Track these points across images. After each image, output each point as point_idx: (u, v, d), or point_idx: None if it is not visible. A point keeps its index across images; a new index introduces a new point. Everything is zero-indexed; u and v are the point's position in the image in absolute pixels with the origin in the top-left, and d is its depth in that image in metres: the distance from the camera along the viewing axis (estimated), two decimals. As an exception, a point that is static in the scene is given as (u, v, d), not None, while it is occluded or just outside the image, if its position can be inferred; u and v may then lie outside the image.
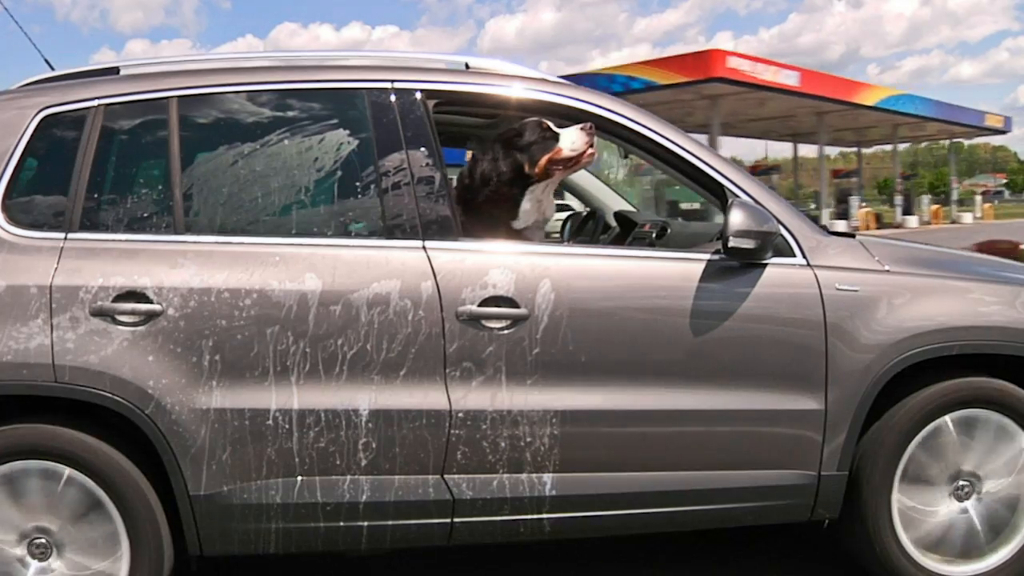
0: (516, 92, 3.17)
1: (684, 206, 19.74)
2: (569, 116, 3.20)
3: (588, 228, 4.34)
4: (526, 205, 3.21)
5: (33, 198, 2.93)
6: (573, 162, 3.26)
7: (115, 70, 3.17)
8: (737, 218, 2.91)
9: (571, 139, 3.21)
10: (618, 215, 4.26)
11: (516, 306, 2.88)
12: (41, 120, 2.96)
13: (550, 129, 3.23)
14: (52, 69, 3.37)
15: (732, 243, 2.91)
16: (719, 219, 3.08)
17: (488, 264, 2.90)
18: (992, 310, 3.15)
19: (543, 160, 3.22)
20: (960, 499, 3.14)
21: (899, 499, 3.10)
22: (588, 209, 4.50)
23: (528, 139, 3.23)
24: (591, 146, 3.21)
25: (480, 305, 2.86)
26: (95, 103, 2.98)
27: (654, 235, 3.64)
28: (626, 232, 4.05)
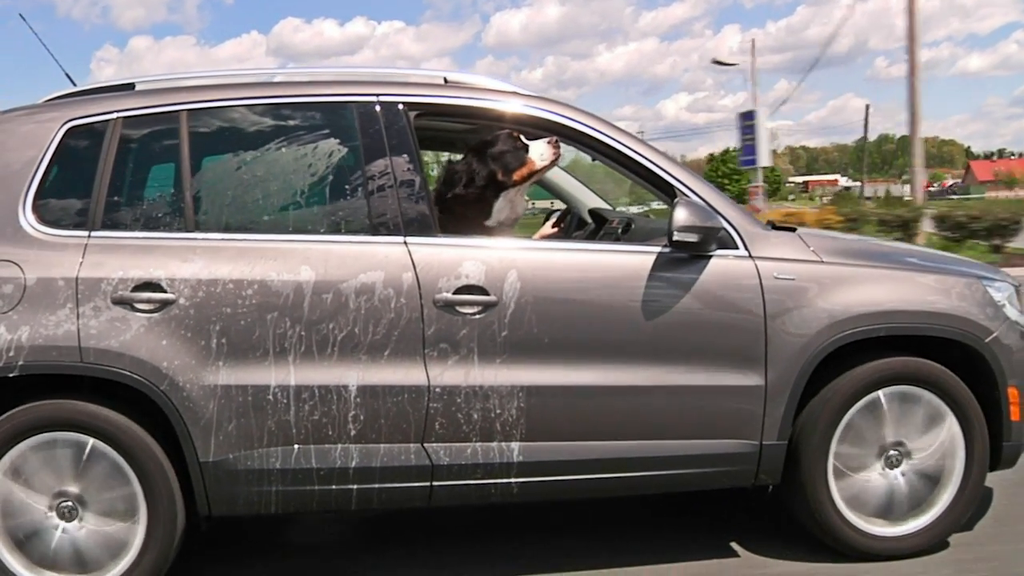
0: (489, 104, 3.52)
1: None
2: (537, 125, 3.56)
3: (565, 224, 4.68)
4: (499, 205, 3.56)
5: (59, 200, 3.30)
6: (541, 172, 3.67)
7: (131, 86, 3.54)
8: (681, 215, 3.26)
9: (539, 151, 3.63)
10: (592, 212, 4.61)
11: (486, 294, 3.24)
12: (66, 131, 3.33)
13: (520, 141, 3.61)
14: (74, 84, 3.73)
15: (676, 237, 3.26)
16: None
17: (462, 257, 3.27)
18: (919, 296, 3.49)
19: (522, 170, 3.62)
20: (890, 467, 3.49)
21: (834, 466, 3.44)
22: (564, 207, 4.85)
23: (501, 149, 3.63)
24: (556, 158, 3.64)
25: (455, 293, 3.23)
26: (114, 115, 3.35)
27: (620, 230, 3.98)
28: (600, 227, 4.39)
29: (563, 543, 3.85)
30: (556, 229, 4.60)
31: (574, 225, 4.61)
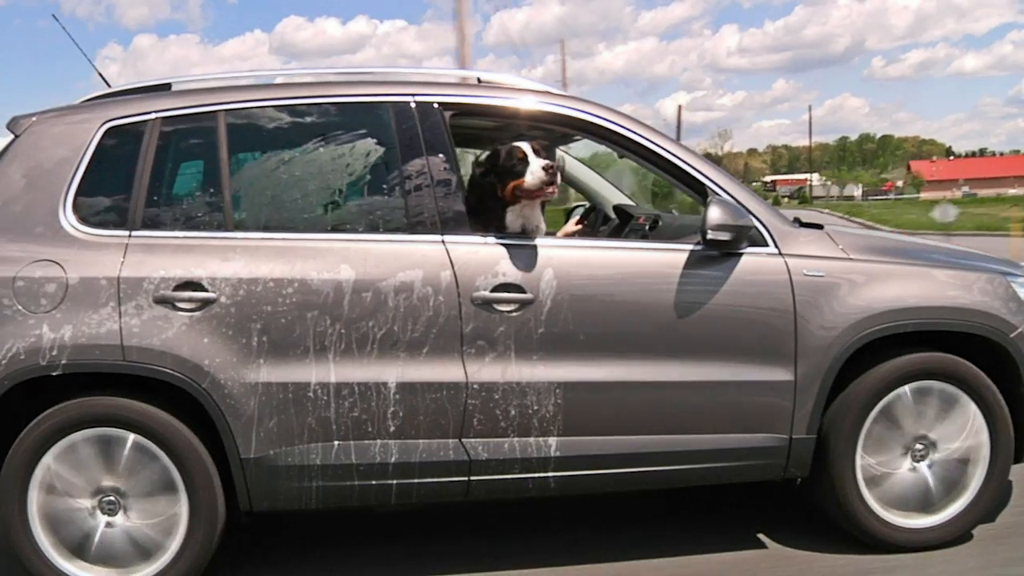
0: (522, 103, 3.57)
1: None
2: (569, 125, 3.61)
3: (590, 220, 4.73)
4: (509, 217, 3.45)
5: (99, 200, 3.34)
6: (536, 194, 3.40)
7: (167, 86, 3.58)
8: (714, 214, 3.31)
9: (532, 171, 3.36)
10: (617, 208, 4.65)
11: (523, 292, 3.29)
12: (105, 132, 3.37)
13: (524, 158, 3.41)
14: (108, 86, 3.76)
15: (710, 236, 3.32)
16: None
17: (499, 255, 3.31)
18: (944, 292, 3.54)
19: (510, 186, 3.41)
20: (916, 460, 3.55)
21: (862, 458, 3.50)
22: (589, 204, 4.90)
23: (503, 163, 3.44)
24: (550, 184, 3.37)
25: (492, 291, 3.28)
26: (152, 116, 3.39)
27: (647, 227, 4.03)
28: (624, 224, 4.44)
29: (585, 536, 3.92)
30: (580, 226, 4.65)
31: (599, 222, 4.65)
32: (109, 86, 3.75)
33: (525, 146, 3.42)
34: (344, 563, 3.74)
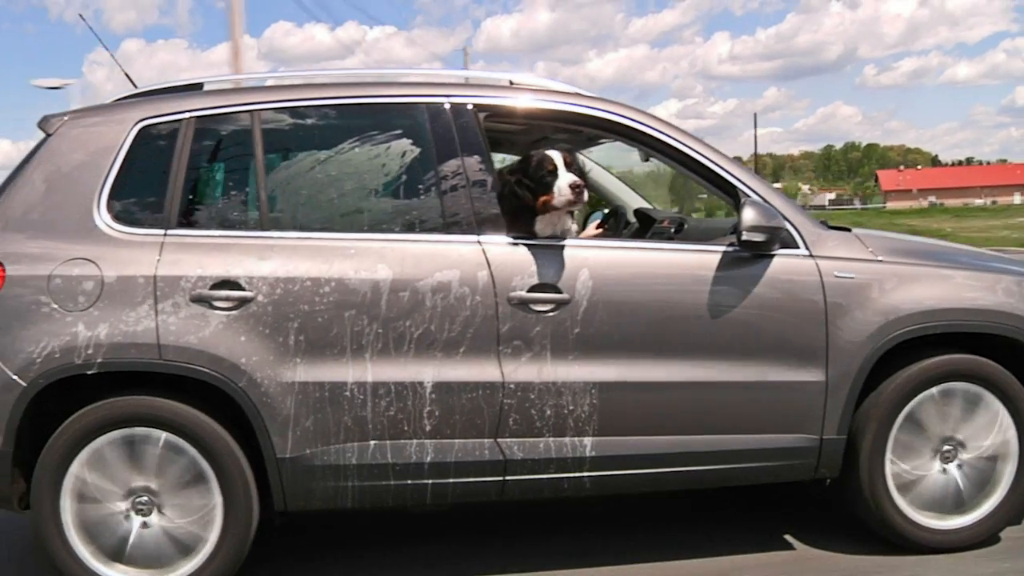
0: (553, 105, 3.59)
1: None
2: (599, 127, 3.63)
3: (610, 225, 4.75)
4: (539, 226, 3.44)
5: (134, 199, 3.34)
6: (558, 208, 3.38)
7: (199, 86, 3.59)
8: (749, 215, 3.34)
9: (560, 188, 3.35)
10: (637, 212, 4.67)
11: (559, 292, 3.30)
12: (139, 131, 3.37)
13: (554, 170, 3.40)
14: (135, 87, 3.76)
15: (745, 236, 3.34)
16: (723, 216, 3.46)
17: (535, 255, 3.32)
18: (972, 295, 3.58)
19: (540, 200, 3.39)
20: (945, 461, 3.57)
21: (891, 460, 3.52)
22: (609, 208, 4.92)
23: (532, 173, 3.43)
24: (575, 201, 3.38)
25: (529, 291, 3.29)
26: (187, 115, 3.39)
27: (672, 230, 4.05)
28: (645, 228, 4.46)
29: (610, 537, 3.92)
30: (600, 231, 4.66)
31: (621, 226, 4.67)
32: (135, 86, 3.75)
33: (556, 157, 3.42)
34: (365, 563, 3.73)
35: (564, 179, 3.38)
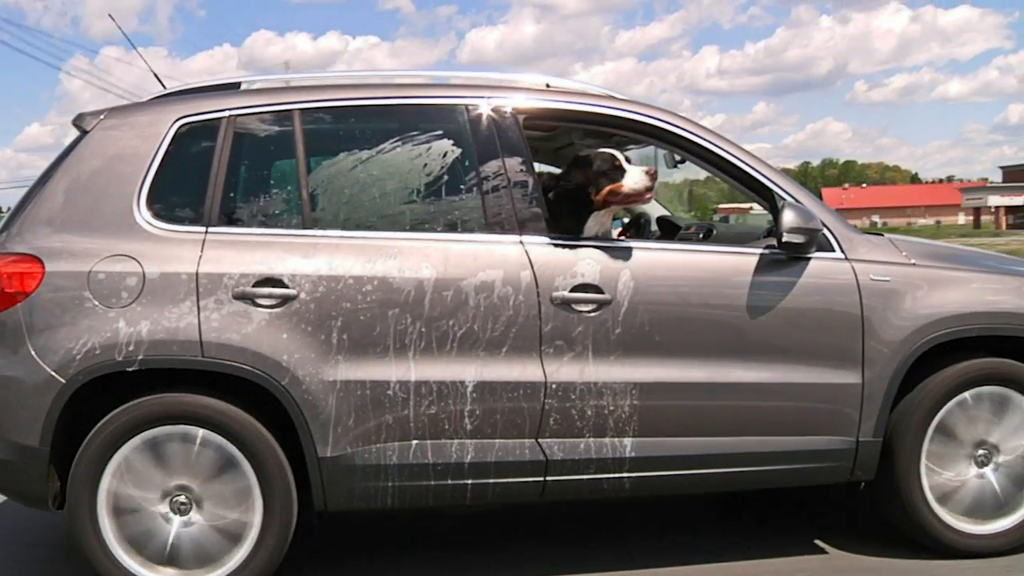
0: (592, 107, 3.60)
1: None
2: (635, 129, 3.64)
3: (632, 232, 4.76)
4: (590, 223, 3.51)
5: (173, 196, 3.33)
6: (631, 199, 3.56)
7: (236, 85, 3.59)
8: (789, 217, 3.36)
9: (634, 178, 3.49)
10: (660, 220, 4.70)
11: (601, 292, 3.31)
12: (178, 128, 3.36)
13: (620, 165, 3.51)
14: (164, 87, 3.75)
15: (786, 238, 3.36)
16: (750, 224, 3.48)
17: (577, 256, 3.34)
18: (1005, 298, 3.62)
19: (604, 190, 3.49)
20: (980, 465, 3.59)
21: (926, 463, 3.53)
22: (633, 215, 4.94)
23: (598, 168, 3.52)
24: (650, 189, 3.53)
25: (571, 291, 3.29)
26: (227, 113, 3.39)
27: (700, 236, 4.07)
28: (669, 235, 4.47)
29: (642, 540, 3.92)
30: (623, 239, 4.67)
31: (644, 234, 4.68)
32: (164, 87, 3.74)
33: (616, 153, 3.49)
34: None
35: (635, 169, 3.47)
